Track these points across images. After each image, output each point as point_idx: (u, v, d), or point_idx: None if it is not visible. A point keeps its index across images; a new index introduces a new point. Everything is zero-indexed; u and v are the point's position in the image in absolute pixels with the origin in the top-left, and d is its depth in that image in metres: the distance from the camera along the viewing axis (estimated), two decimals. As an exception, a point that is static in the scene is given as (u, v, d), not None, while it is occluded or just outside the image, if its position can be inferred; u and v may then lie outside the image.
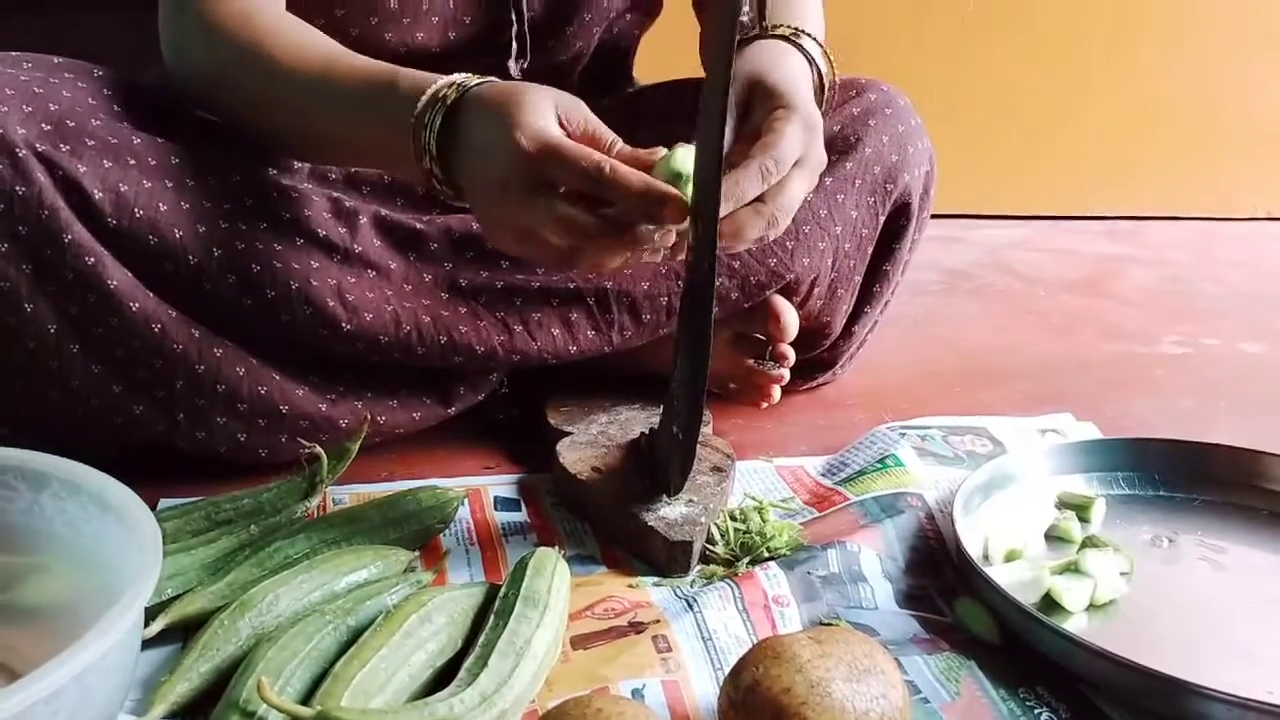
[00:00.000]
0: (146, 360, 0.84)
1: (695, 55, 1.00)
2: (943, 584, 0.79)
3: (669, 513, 0.82)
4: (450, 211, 0.96)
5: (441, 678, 0.63)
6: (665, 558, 0.79)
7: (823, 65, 0.89)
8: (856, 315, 1.12)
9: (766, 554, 0.80)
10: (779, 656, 0.58)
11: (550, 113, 0.73)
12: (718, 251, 0.71)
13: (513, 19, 0.99)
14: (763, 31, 0.88)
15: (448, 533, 0.84)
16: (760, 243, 0.78)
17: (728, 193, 0.71)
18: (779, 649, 0.58)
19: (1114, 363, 1.34)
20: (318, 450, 0.81)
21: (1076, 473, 0.92)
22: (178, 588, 0.70)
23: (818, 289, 1.05)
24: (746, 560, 0.79)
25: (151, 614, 0.65)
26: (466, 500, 0.86)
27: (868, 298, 1.11)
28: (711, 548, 0.81)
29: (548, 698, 0.64)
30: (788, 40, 0.88)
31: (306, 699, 0.59)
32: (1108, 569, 0.77)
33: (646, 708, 0.58)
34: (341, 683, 0.58)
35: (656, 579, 0.78)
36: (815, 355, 1.12)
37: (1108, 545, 0.81)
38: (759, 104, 0.79)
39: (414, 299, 0.92)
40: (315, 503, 0.82)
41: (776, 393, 1.06)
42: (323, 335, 0.89)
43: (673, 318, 0.98)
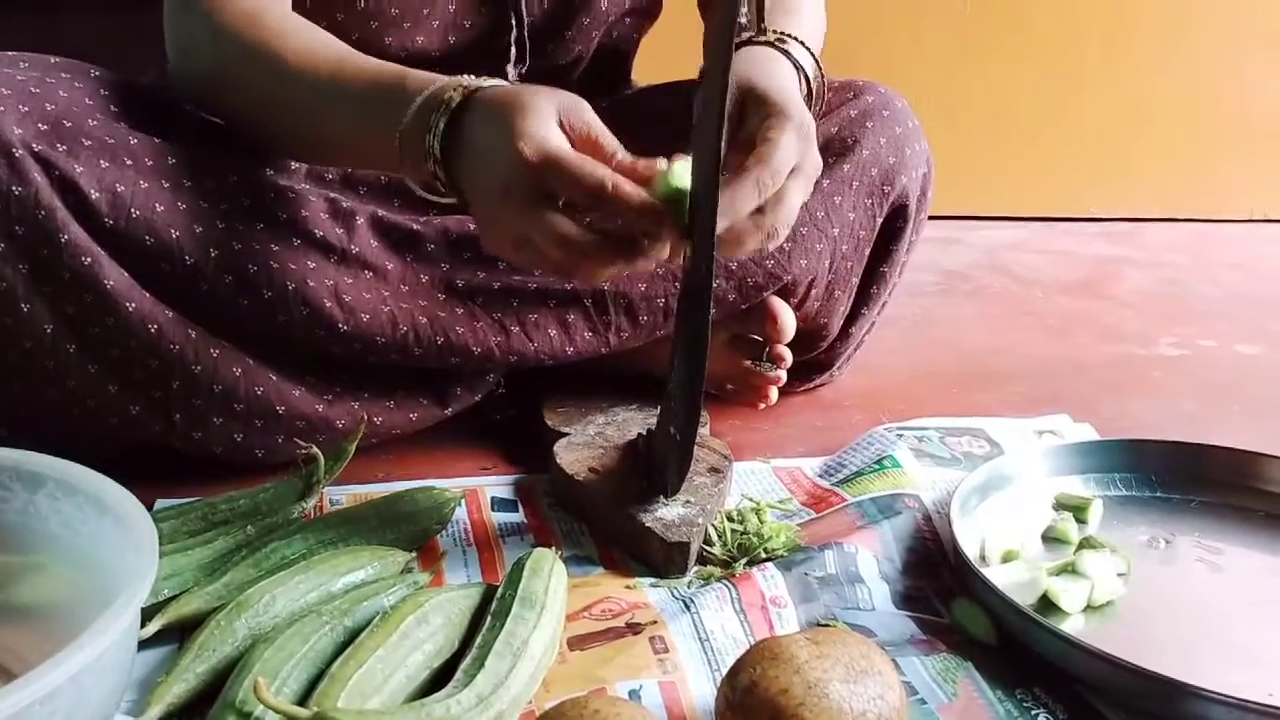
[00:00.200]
0: (143, 360, 0.84)
1: (696, 56, 1.00)
2: (940, 585, 0.79)
3: (666, 514, 0.82)
4: (447, 212, 0.96)
5: (438, 679, 0.63)
6: (662, 558, 0.79)
7: (810, 70, 0.89)
8: (854, 317, 1.12)
9: (764, 555, 0.80)
10: (776, 657, 0.58)
11: (553, 119, 0.73)
12: (714, 254, 0.71)
13: (513, 24, 0.99)
14: (750, 39, 0.87)
15: (445, 534, 0.83)
16: (760, 254, 0.77)
17: (724, 208, 0.71)
18: (776, 650, 0.58)
19: (1111, 364, 1.35)
20: (314, 451, 0.81)
21: (1074, 474, 0.92)
22: (174, 588, 0.70)
23: (815, 290, 1.05)
24: (744, 561, 0.79)
25: (148, 614, 0.65)
26: (463, 501, 0.86)
27: (865, 299, 1.11)
28: (709, 549, 0.81)
29: (545, 699, 0.64)
30: (774, 46, 0.87)
31: (303, 700, 0.59)
32: (1105, 570, 0.77)
33: (644, 709, 0.58)
34: (338, 683, 0.58)
35: (654, 580, 0.78)
36: (812, 357, 1.12)
37: (1105, 546, 0.81)
38: (752, 112, 0.79)
39: (411, 300, 0.92)
40: (312, 503, 0.82)
41: (774, 394, 1.06)
42: (319, 336, 0.88)
43: (670, 319, 0.98)
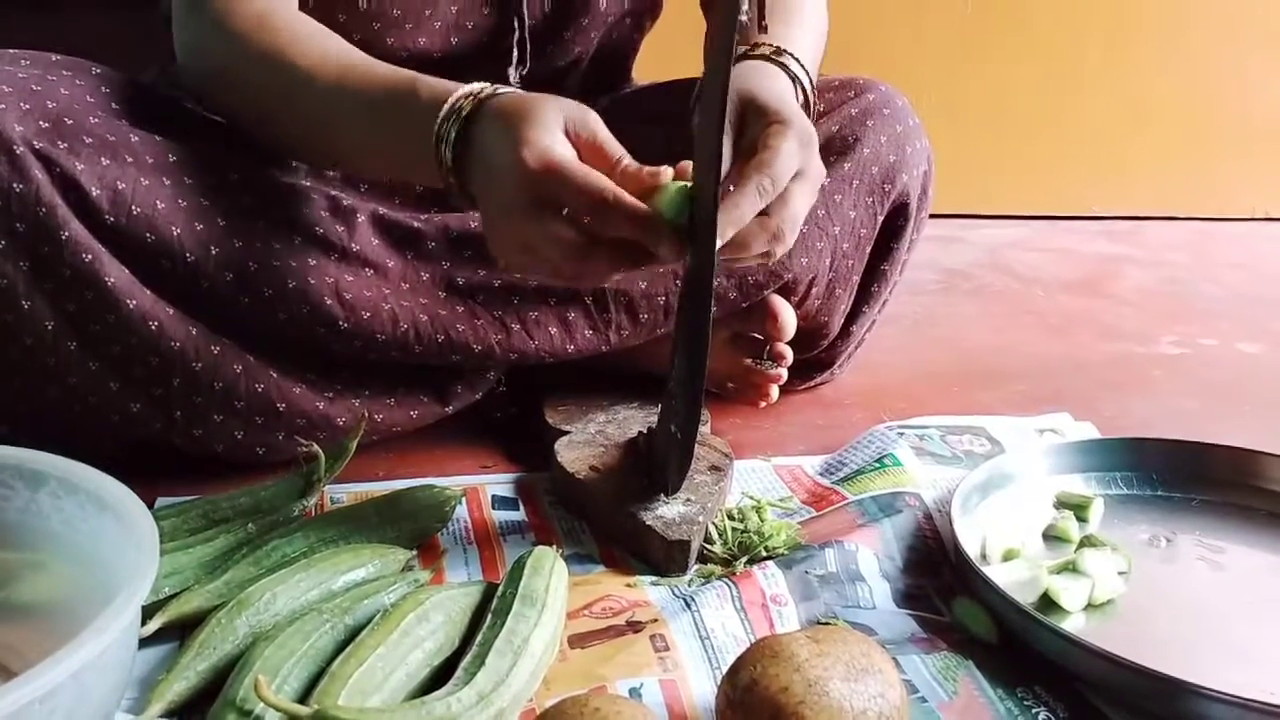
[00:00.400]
0: (143, 358, 0.84)
1: (696, 56, 1.00)
2: (940, 583, 0.79)
3: (667, 512, 0.82)
4: (448, 210, 0.96)
5: (439, 676, 0.63)
6: (663, 557, 0.79)
7: (806, 83, 0.89)
8: (854, 315, 1.12)
9: (764, 553, 0.80)
10: (777, 656, 0.58)
11: (558, 129, 0.73)
12: (715, 252, 0.71)
13: (515, 25, 0.99)
14: (746, 53, 0.88)
15: (445, 532, 0.83)
16: (768, 259, 0.77)
17: (727, 214, 0.71)
18: (777, 648, 0.58)
19: (1112, 363, 1.34)
20: (315, 449, 0.81)
21: (1074, 472, 0.92)
22: (175, 586, 0.70)
23: (816, 289, 1.04)
24: (744, 559, 0.79)
25: (149, 612, 0.65)
26: (464, 499, 0.86)
27: (866, 297, 1.11)
28: (709, 547, 0.81)
29: (545, 697, 0.64)
30: (771, 60, 0.88)
31: (304, 698, 0.59)
32: (1106, 569, 0.77)
33: (644, 707, 0.58)
34: (339, 681, 0.58)
35: (654, 578, 0.78)
36: (813, 355, 1.12)
37: (1106, 545, 0.81)
38: (752, 121, 0.79)
39: (411, 297, 0.92)
40: (313, 501, 0.82)
41: (774, 392, 1.06)
42: (320, 333, 0.88)
43: (670, 317, 0.98)
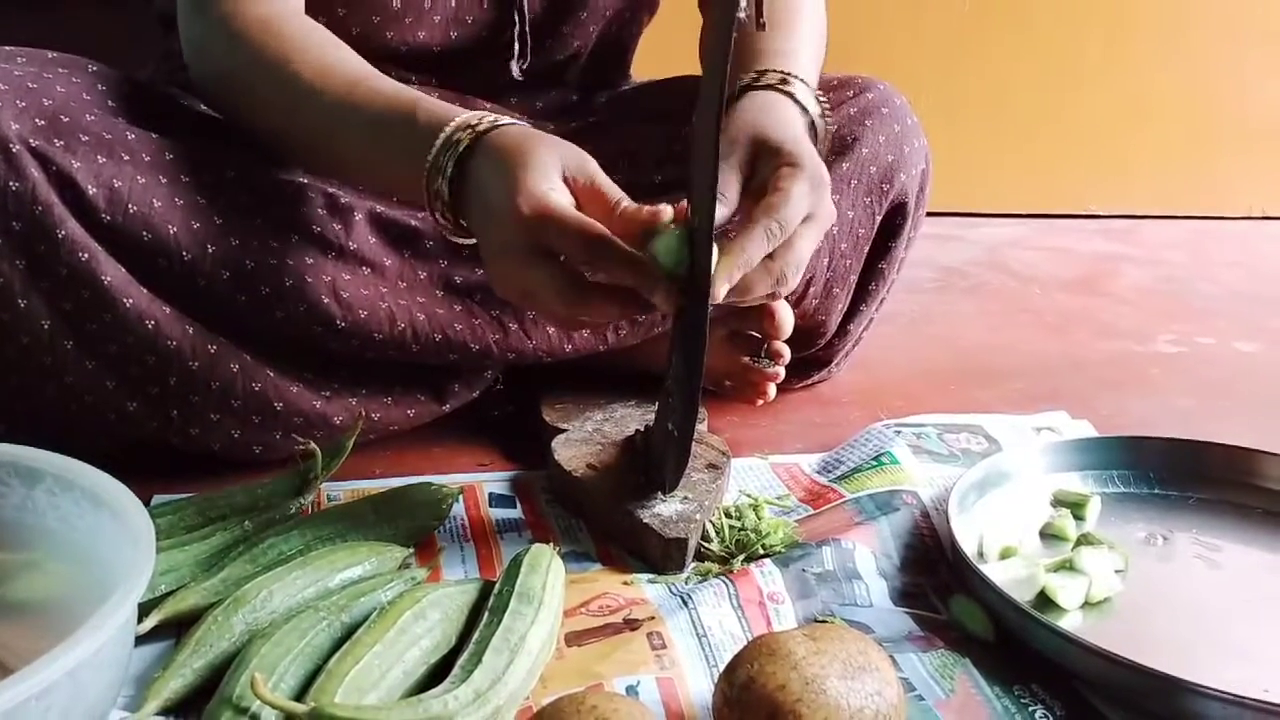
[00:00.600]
0: (140, 356, 0.84)
1: (695, 53, 1.00)
2: (938, 581, 0.79)
3: (664, 510, 0.82)
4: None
5: (436, 674, 0.63)
6: (660, 555, 0.79)
7: (813, 109, 0.89)
8: (852, 313, 1.12)
9: (761, 551, 0.80)
10: (774, 653, 0.58)
11: (555, 174, 0.73)
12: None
13: (514, 19, 0.99)
14: (752, 82, 0.87)
15: (442, 529, 0.83)
16: (770, 299, 0.78)
17: (734, 259, 0.72)
18: (774, 646, 0.58)
19: (1109, 361, 1.35)
20: (312, 447, 0.81)
21: (1072, 470, 0.92)
22: (171, 584, 0.70)
23: (814, 287, 1.04)
24: (741, 557, 0.79)
25: (145, 610, 0.65)
26: (461, 497, 0.86)
27: (863, 296, 1.11)
28: (706, 545, 0.81)
29: (542, 695, 0.64)
30: (777, 90, 0.87)
31: (300, 695, 0.59)
32: (1103, 567, 0.77)
33: (641, 705, 0.58)
34: (335, 679, 0.58)
35: (651, 576, 0.78)
36: (811, 353, 1.12)
37: (1103, 543, 0.81)
38: (764, 162, 0.79)
39: (409, 296, 0.92)
40: (309, 499, 0.82)
41: (772, 390, 1.05)
42: (317, 332, 0.88)
43: (668, 316, 0.98)
